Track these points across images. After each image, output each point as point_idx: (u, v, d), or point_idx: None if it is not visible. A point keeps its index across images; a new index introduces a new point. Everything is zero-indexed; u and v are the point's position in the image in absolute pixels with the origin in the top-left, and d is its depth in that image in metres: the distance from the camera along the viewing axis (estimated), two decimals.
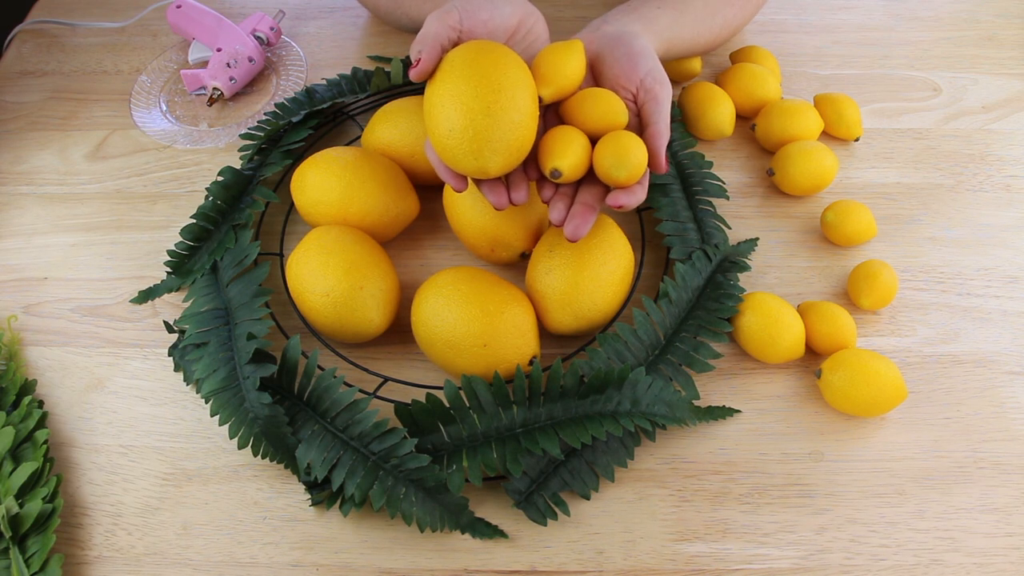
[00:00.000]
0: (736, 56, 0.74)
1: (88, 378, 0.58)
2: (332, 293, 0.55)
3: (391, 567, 0.50)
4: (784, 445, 0.54)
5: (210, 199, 0.64)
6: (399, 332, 0.59)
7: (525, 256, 0.60)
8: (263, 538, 0.51)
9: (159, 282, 0.62)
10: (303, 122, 0.69)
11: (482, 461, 0.50)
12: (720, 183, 0.65)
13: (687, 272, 0.59)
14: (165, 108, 0.75)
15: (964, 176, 0.68)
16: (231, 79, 0.74)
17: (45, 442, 0.53)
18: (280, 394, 0.53)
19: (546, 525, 0.51)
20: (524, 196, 0.52)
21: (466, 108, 0.48)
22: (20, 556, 0.48)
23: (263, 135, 0.67)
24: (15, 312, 0.62)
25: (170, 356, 0.59)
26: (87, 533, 0.51)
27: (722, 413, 0.55)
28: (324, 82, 0.73)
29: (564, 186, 0.53)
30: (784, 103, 0.68)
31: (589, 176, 0.53)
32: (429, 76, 0.51)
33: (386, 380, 0.56)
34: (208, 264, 0.61)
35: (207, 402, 0.53)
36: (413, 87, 0.72)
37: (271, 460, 0.52)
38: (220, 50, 0.74)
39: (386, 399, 0.54)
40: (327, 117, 0.72)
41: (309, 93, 0.72)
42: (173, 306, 0.62)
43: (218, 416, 0.52)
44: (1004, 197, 0.67)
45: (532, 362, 0.54)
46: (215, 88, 0.73)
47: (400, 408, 0.52)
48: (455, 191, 0.53)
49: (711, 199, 0.64)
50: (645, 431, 0.53)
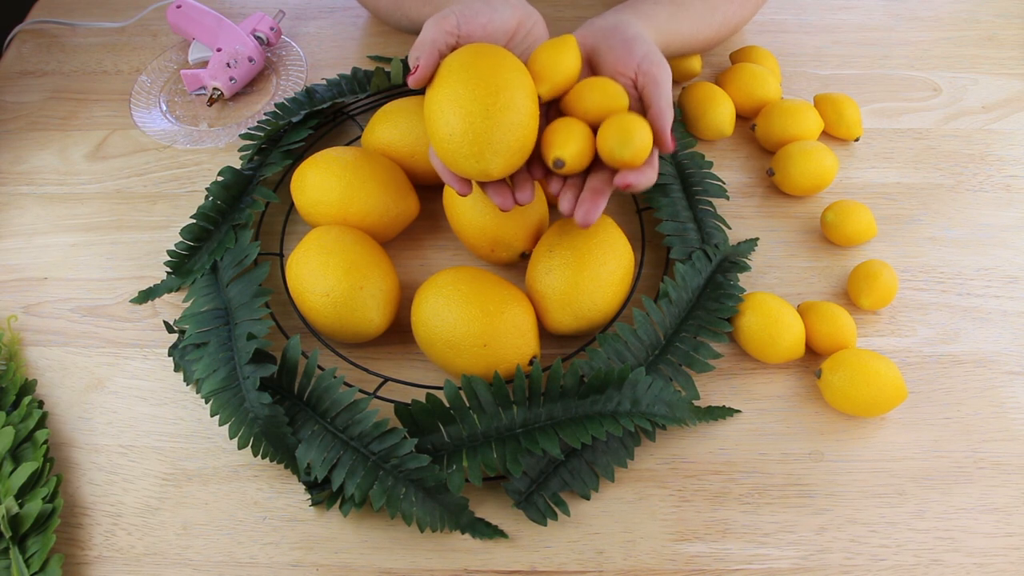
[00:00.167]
0: (736, 56, 0.74)
1: (88, 378, 0.58)
2: (332, 293, 0.55)
3: (391, 567, 0.50)
4: (784, 445, 0.54)
5: (210, 199, 0.64)
6: (399, 332, 0.59)
7: (525, 256, 0.60)
8: (263, 538, 0.51)
9: (159, 282, 0.62)
10: (303, 122, 0.69)
11: (482, 461, 0.50)
12: (720, 183, 0.65)
13: (687, 272, 0.59)
14: (165, 108, 0.75)
15: (964, 176, 0.68)
16: (231, 79, 0.74)
17: (45, 442, 0.53)
18: (280, 394, 0.53)
19: (546, 525, 0.51)
20: (529, 196, 0.52)
21: (464, 111, 0.48)
22: (20, 556, 0.48)
23: (263, 135, 0.67)
24: (15, 312, 0.62)
25: (170, 356, 0.59)
26: (87, 533, 0.51)
27: (722, 413, 0.55)
28: (324, 82, 0.73)
29: (572, 178, 0.52)
30: (784, 103, 0.68)
31: (596, 164, 0.52)
32: (427, 82, 0.51)
33: (386, 380, 0.56)
34: (208, 264, 0.61)
35: (207, 402, 0.53)
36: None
37: (271, 460, 0.52)
38: (220, 50, 0.74)
39: (386, 399, 0.54)
40: (327, 117, 0.72)
41: (309, 93, 0.72)
42: (173, 306, 0.62)
43: (218, 416, 0.53)
44: (1004, 197, 0.67)
45: (532, 362, 0.54)
46: (215, 88, 0.73)
47: (400, 408, 0.52)
48: (460, 195, 0.53)
49: (711, 199, 0.64)
50: (645, 431, 0.53)
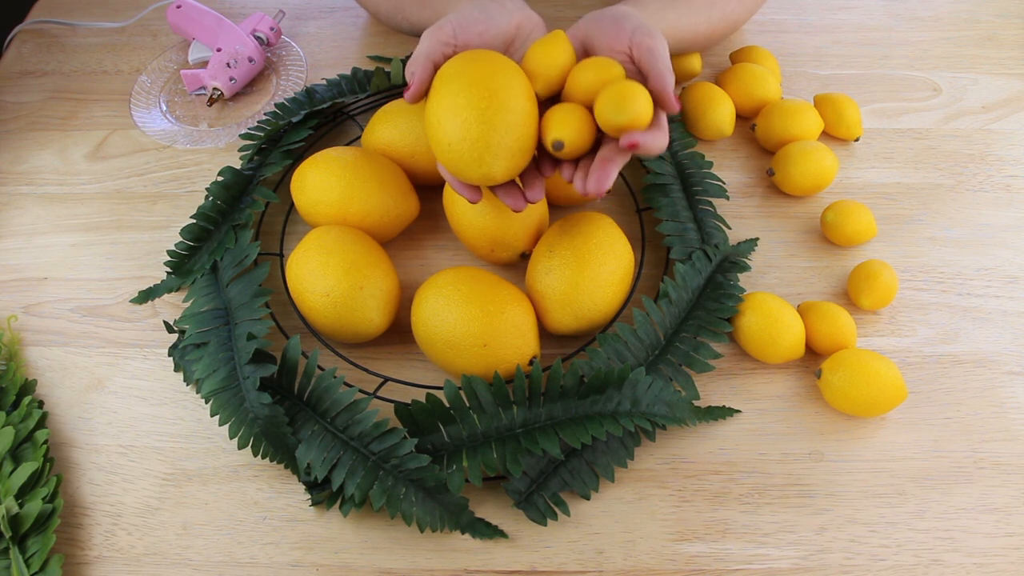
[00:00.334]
0: (736, 56, 0.74)
1: (88, 378, 0.58)
2: (332, 293, 0.55)
3: (391, 567, 0.50)
4: (784, 445, 0.54)
5: (210, 199, 0.64)
6: (399, 332, 0.59)
7: (525, 256, 0.60)
8: (263, 538, 0.51)
9: (159, 282, 0.62)
10: (303, 122, 0.69)
11: (482, 461, 0.50)
12: (720, 183, 0.65)
13: (687, 272, 0.59)
14: (165, 108, 0.75)
15: (964, 176, 0.68)
16: (231, 79, 0.74)
17: (45, 442, 0.53)
18: (280, 394, 0.53)
19: (546, 525, 0.51)
20: (540, 194, 0.52)
21: (461, 119, 0.48)
22: (20, 556, 0.48)
23: (263, 135, 0.67)
24: (15, 312, 0.62)
25: (170, 356, 0.59)
26: (87, 533, 0.51)
27: (722, 413, 0.55)
28: (324, 82, 0.73)
29: (584, 159, 0.51)
30: (784, 103, 0.68)
31: (605, 139, 0.51)
32: (423, 96, 0.51)
33: (386, 380, 0.56)
34: (208, 264, 0.61)
35: (207, 402, 0.53)
36: None
37: (271, 460, 0.52)
38: (220, 50, 0.74)
39: (386, 399, 0.54)
40: (327, 117, 0.72)
41: (309, 93, 0.72)
42: (173, 306, 0.62)
43: (218, 416, 0.52)
44: (1004, 197, 0.67)
45: (532, 362, 0.54)
46: (215, 88, 0.73)
47: (400, 408, 0.52)
48: (471, 203, 0.53)
49: (711, 199, 0.64)
50: (645, 431, 0.53)
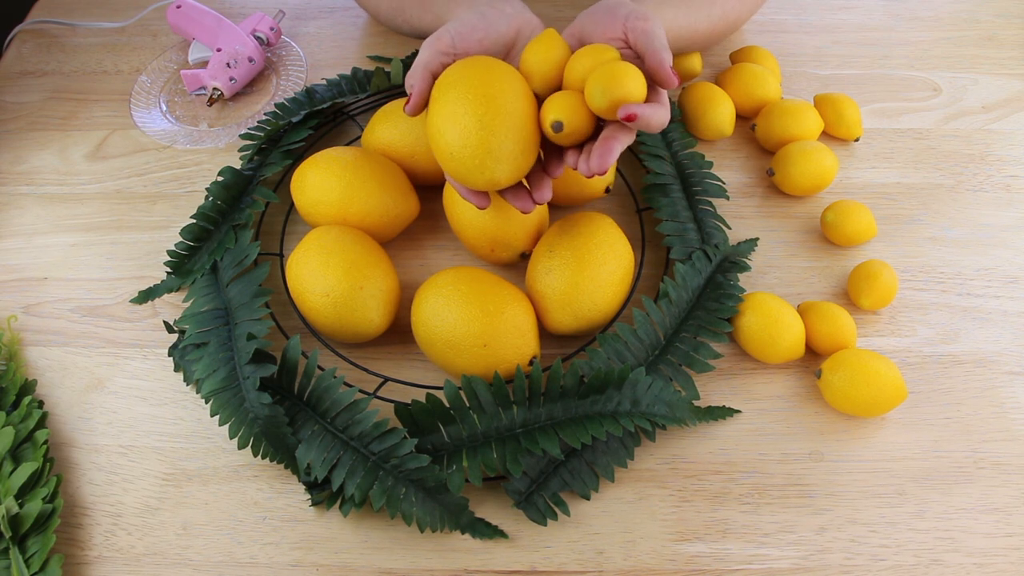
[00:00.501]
0: (736, 56, 0.74)
1: (88, 378, 0.58)
2: (332, 293, 0.55)
3: (391, 567, 0.50)
4: (784, 445, 0.54)
5: (210, 199, 0.64)
6: (399, 332, 0.58)
7: (525, 256, 0.60)
8: (263, 538, 0.51)
9: (159, 282, 0.62)
10: (303, 122, 0.69)
11: (482, 461, 0.50)
12: (720, 183, 0.65)
13: (687, 272, 0.59)
14: (165, 108, 0.75)
15: (964, 176, 0.68)
16: (231, 79, 0.74)
17: (45, 442, 0.53)
18: (280, 394, 0.53)
19: (546, 525, 0.51)
20: (548, 194, 0.52)
21: (460, 127, 0.48)
22: (20, 556, 0.48)
23: (263, 135, 0.67)
24: (15, 312, 0.62)
25: (170, 356, 0.59)
26: (87, 533, 0.51)
27: (722, 413, 0.55)
28: (324, 82, 0.73)
29: (587, 144, 0.50)
30: (784, 103, 0.68)
31: (608, 122, 0.50)
32: (423, 108, 0.51)
33: (386, 380, 0.56)
34: (208, 264, 0.61)
35: (207, 402, 0.53)
36: None
37: (271, 460, 0.52)
38: (220, 50, 0.74)
39: (386, 399, 0.54)
40: (327, 117, 0.71)
41: (309, 93, 0.72)
42: (173, 306, 0.62)
43: (218, 416, 0.52)
44: (1004, 197, 0.67)
45: (532, 362, 0.54)
46: (215, 88, 0.73)
47: (400, 408, 0.52)
48: (480, 209, 0.53)
49: (711, 199, 0.64)
50: (645, 431, 0.53)
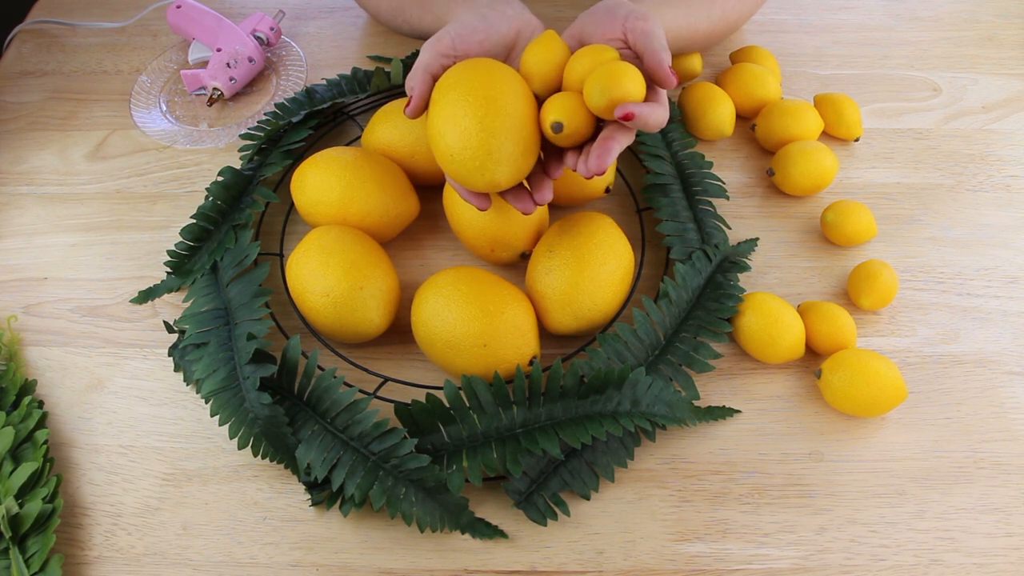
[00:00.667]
0: (736, 56, 0.74)
1: (88, 378, 0.58)
2: (332, 293, 0.55)
3: (391, 567, 0.50)
4: (784, 445, 0.54)
5: (210, 199, 0.64)
6: (399, 332, 0.58)
7: (525, 256, 0.60)
8: (263, 538, 0.51)
9: (159, 282, 0.62)
10: (303, 122, 0.69)
11: (482, 461, 0.50)
12: (720, 183, 0.65)
13: (687, 272, 0.59)
14: (165, 108, 0.75)
15: (964, 176, 0.68)
16: (231, 79, 0.74)
17: (45, 442, 0.53)
18: (280, 394, 0.53)
19: (546, 525, 0.51)
20: (548, 195, 0.52)
21: (460, 128, 0.48)
22: (20, 556, 0.48)
23: (263, 135, 0.67)
24: (15, 312, 0.62)
25: (170, 356, 0.59)
26: (87, 533, 0.51)
27: (722, 413, 0.55)
28: (324, 82, 0.73)
29: (587, 145, 0.50)
30: (784, 103, 0.68)
31: (607, 122, 0.50)
32: (423, 111, 0.51)
33: (386, 380, 0.56)
34: (208, 264, 0.61)
35: (207, 402, 0.53)
36: None
37: (271, 460, 0.52)
38: (220, 50, 0.74)
39: (386, 399, 0.54)
40: (327, 117, 0.71)
41: (309, 93, 0.72)
42: (173, 306, 0.62)
43: (218, 416, 0.52)
44: (1004, 197, 0.67)
45: (532, 362, 0.54)
46: (215, 88, 0.73)
47: (400, 408, 0.52)
48: (480, 210, 0.53)
49: (711, 199, 0.64)
50: (645, 431, 0.53)
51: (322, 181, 0.60)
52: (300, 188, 0.61)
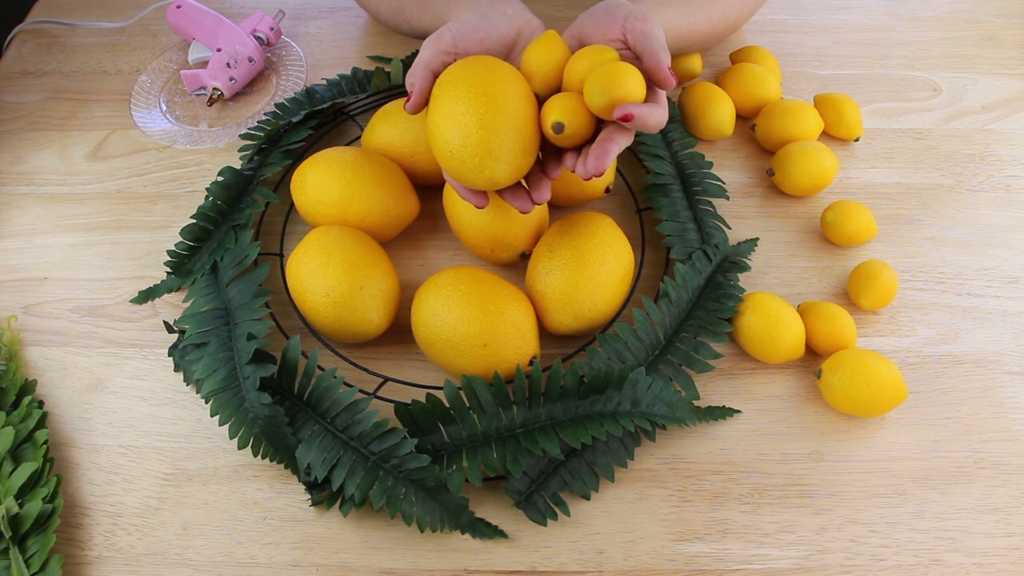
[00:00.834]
0: (736, 56, 0.74)
1: (88, 378, 0.58)
2: (332, 293, 0.55)
3: (391, 567, 0.50)
4: (784, 445, 0.54)
5: (210, 199, 0.64)
6: (399, 332, 0.58)
7: (525, 256, 0.60)
8: (263, 538, 0.51)
9: (159, 282, 0.62)
10: (303, 122, 0.69)
11: (482, 461, 0.50)
12: (720, 183, 0.65)
13: (687, 272, 0.59)
14: (165, 108, 0.75)
15: (964, 176, 0.68)
16: (231, 79, 0.74)
17: (45, 442, 0.53)
18: (280, 394, 0.53)
19: (546, 525, 0.51)
20: (546, 195, 0.52)
21: (460, 126, 0.48)
22: (20, 556, 0.48)
23: (263, 135, 0.67)
24: (15, 312, 0.62)
25: (170, 356, 0.59)
26: (87, 533, 0.51)
27: (722, 413, 0.55)
28: (324, 82, 0.73)
29: (586, 146, 0.50)
30: (784, 103, 0.68)
31: (606, 122, 0.50)
32: (423, 107, 0.51)
33: (386, 380, 0.56)
34: (208, 264, 0.61)
35: (207, 402, 0.53)
36: None
37: (271, 460, 0.52)
38: (220, 50, 0.74)
39: (386, 399, 0.54)
40: (327, 117, 0.72)
41: (309, 93, 0.72)
42: (173, 306, 0.62)
43: (218, 416, 0.52)
44: (1004, 197, 0.67)
45: (532, 362, 0.54)
46: (215, 88, 0.73)
47: (400, 408, 0.52)
48: (478, 208, 0.53)
49: (711, 199, 0.64)
50: (645, 431, 0.53)
51: (322, 181, 0.60)
52: (300, 188, 0.61)
